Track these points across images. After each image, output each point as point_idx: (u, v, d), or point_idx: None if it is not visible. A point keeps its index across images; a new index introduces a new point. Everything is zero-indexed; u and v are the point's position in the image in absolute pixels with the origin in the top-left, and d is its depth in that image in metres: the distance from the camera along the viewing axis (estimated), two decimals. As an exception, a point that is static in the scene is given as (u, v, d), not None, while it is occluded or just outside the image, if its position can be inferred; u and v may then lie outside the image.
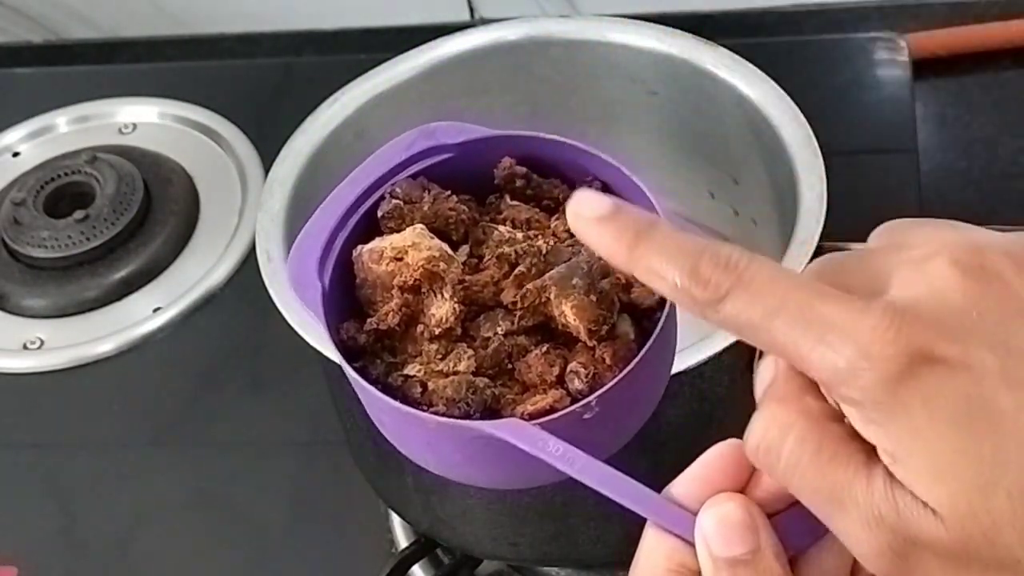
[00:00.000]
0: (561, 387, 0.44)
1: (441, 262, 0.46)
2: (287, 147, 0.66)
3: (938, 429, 0.36)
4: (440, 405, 0.43)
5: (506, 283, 0.46)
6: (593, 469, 0.42)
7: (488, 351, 0.45)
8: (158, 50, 1.09)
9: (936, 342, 0.36)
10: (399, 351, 0.46)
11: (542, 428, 0.42)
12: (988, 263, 0.38)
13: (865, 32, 0.98)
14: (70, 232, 0.90)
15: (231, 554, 0.76)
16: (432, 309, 0.45)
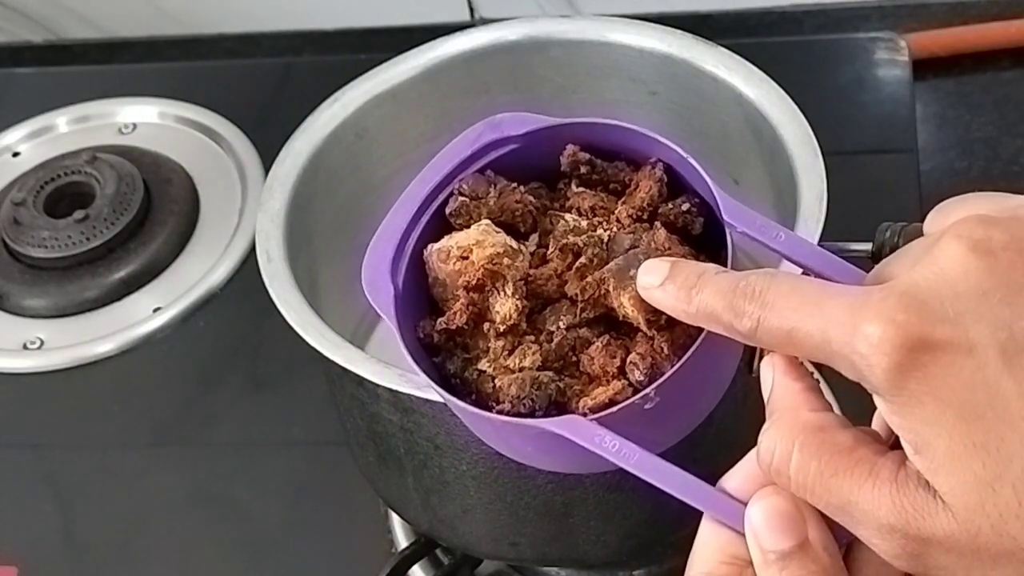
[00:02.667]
0: (623, 378, 0.45)
1: (505, 258, 0.47)
2: (287, 147, 0.66)
3: (948, 419, 0.36)
4: (507, 402, 0.44)
5: (569, 275, 0.46)
6: (647, 463, 0.43)
7: (552, 345, 0.46)
8: (158, 50, 1.09)
9: (935, 327, 0.36)
10: (471, 347, 0.47)
11: (601, 422, 0.43)
12: (997, 238, 0.37)
13: (865, 32, 0.98)
14: (70, 232, 0.90)
15: (231, 554, 0.76)
16: (497, 306, 0.46)
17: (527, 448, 0.47)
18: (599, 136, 0.49)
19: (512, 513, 0.60)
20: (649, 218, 0.48)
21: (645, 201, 0.48)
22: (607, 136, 0.49)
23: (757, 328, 0.40)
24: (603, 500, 0.59)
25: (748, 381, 0.58)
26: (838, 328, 0.37)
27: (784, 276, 0.40)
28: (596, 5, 1.01)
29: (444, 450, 0.58)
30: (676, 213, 0.48)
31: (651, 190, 0.48)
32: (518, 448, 0.48)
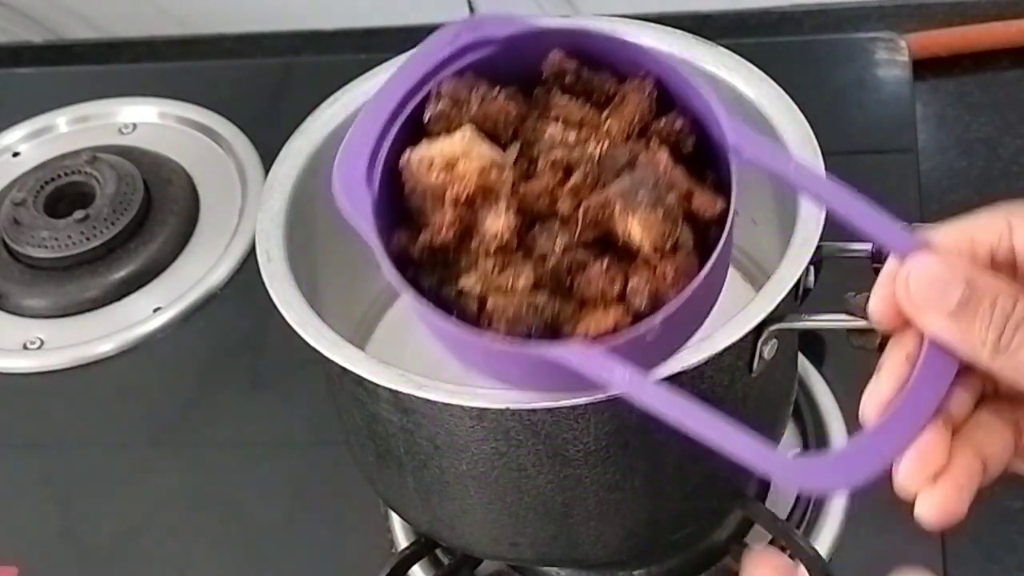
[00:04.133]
0: (622, 303, 0.43)
1: (494, 171, 0.44)
2: (287, 147, 0.66)
3: None
4: (501, 324, 0.43)
5: (561, 192, 0.44)
6: (662, 397, 0.41)
7: (547, 267, 0.44)
8: (158, 50, 1.09)
9: None
10: (452, 263, 0.44)
11: (606, 351, 0.41)
12: None
13: (865, 32, 0.98)
14: (70, 232, 0.90)
15: (231, 554, 0.76)
16: (487, 223, 0.44)
17: (514, 372, 0.45)
18: (585, 44, 0.46)
19: (512, 513, 0.60)
20: (639, 134, 0.46)
21: (635, 115, 0.45)
22: (594, 45, 0.46)
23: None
24: (603, 500, 0.59)
25: (749, 381, 0.58)
26: None
27: None
28: (596, 5, 1.01)
29: (444, 450, 0.58)
30: (668, 131, 0.45)
31: (641, 104, 0.45)
32: (502, 372, 0.45)
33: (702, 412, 0.42)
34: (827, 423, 0.75)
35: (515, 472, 0.58)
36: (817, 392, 0.76)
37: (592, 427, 0.56)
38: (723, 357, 0.55)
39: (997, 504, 0.71)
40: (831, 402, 0.76)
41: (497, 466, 0.57)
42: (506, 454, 0.57)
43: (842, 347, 0.74)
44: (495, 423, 0.55)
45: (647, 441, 0.57)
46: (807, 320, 0.57)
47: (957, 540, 0.70)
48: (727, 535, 0.70)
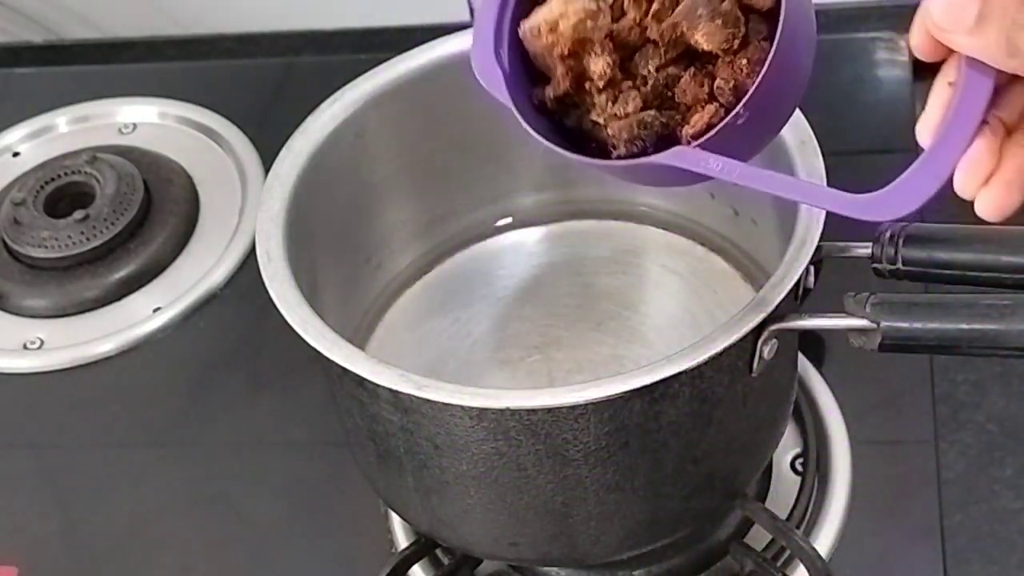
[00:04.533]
0: (714, 101, 0.50)
1: (588, 22, 0.51)
2: (287, 147, 0.66)
3: None
4: (621, 146, 0.51)
5: (648, 21, 0.51)
6: (747, 173, 0.49)
7: (648, 88, 0.51)
8: (158, 50, 1.09)
9: None
10: (580, 104, 0.53)
11: (703, 146, 0.49)
12: None
13: (865, 32, 0.98)
14: (70, 232, 0.90)
15: (231, 554, 0.76)
16: (592, 66, 0.51)
17: (648, 178, 0.54)
18: None
19: (512, 513, 0.60)
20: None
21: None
22: None
23: None
24: (603, 500, 0.59)
25: (749, 381, 0.58)
26: None
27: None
28: (596, 5, 1.01)
29: (444, 450, 0.58)
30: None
31: None
32: (641, 177, 0.54)
33: (791, 180, 0.52)
34: (827, 423, 0.75)
35: (515, 472, 0.58)
36: (817, 392, 0.76)
37: (592, 427, 0.56)
38: (723, 357, 0.55)
39: (997, 504, 0.71)
40: (831, 402, 0.76)
41: (497, 466, 0.58)
42: (506, 454, 0.57)
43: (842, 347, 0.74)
44: (495, 423, 0.55)
45: (647, 441, 0.57)
46: (807, 320, 0.57)
47: (958, 540, 0.70)
48: (727, 535, 0.70)
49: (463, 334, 0.72)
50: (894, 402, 0.76)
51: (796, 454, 0.74)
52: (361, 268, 0.72)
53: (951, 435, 0.74)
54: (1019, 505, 0.71)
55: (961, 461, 0.73)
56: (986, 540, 0.70)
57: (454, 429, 0.57)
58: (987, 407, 0.75)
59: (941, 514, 0.71)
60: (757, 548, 0.69)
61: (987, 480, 0.72)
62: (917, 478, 0.73)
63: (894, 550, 0.70)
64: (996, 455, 0.73)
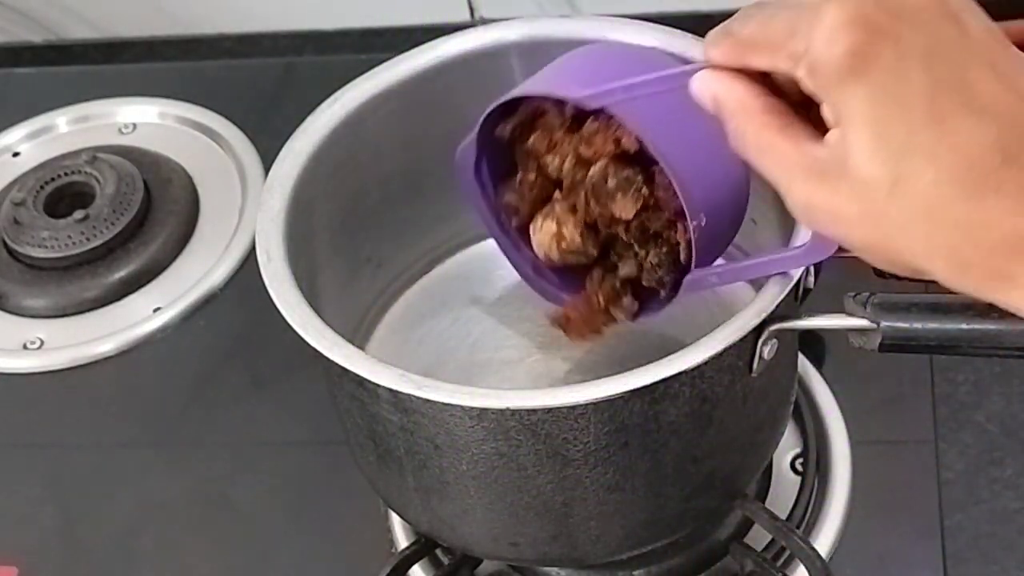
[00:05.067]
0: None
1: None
2: (287, 147, 0.66)
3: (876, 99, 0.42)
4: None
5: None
6: (728, 272, 0.58)
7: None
8: (158, 50, 1.09)
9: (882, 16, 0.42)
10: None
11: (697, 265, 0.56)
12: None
13: (865, 32, 0.97)
14: (70, 232, 0.90)
15: (231, 554, 0.76)
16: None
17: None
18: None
19: (512, 513, 0.60)
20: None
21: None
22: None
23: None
24: (603, 500, 0.59)
25: (749, 381, 0.59)
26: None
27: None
28: (596, 5, 1.01)
29: (444, 450, 0.58)
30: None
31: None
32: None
33: (737, 266, 0.57)
34: (827, 423, 0.75)
35: (515, 472, 0.58)
36: (817, 392, 0.76)
37: (592, 427, 0.56)
38: (723, 357, 0.55)
39: (997, 504, 0.71)
40: (831, 402, 0.76)
41: (497, 466, 0.58)
42: (506, 454, 0.57)
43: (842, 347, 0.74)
44: (495, 423, 0.55)
45: (647, 441, 0.57)
46: (807, 320, 0.57)
47: (957, 540, 0.70)
48: (727, 535, 0.70)
49: (463, 334, 0.72)
50: (894, 402, 0.76)
51: (796, 454, 0.74)
52: (361, 268, 0.72)
53: (951, 435, 0.74)
54: (1019, 505, 0.71)
55: (961, 461, 0.73)
56: (986, 540, 0.70)
57: (454, 429, 0.57)
58: (987, 407, 0.75)
59: (941, 514, 0.71)
60: (757, 548, 0.69)
61: (987, 480, 0.72)
62: (917, 478, 0.73)
63: (894, 550, 0.70)
64: (996, 455, 0.73)
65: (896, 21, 0.42)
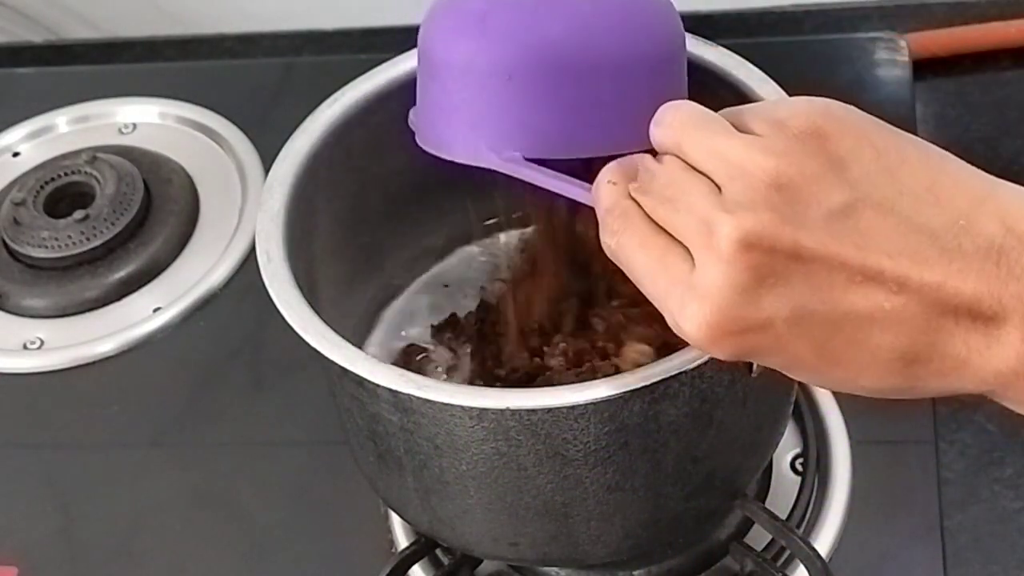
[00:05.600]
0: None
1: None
2: (287, 147, 0.66)
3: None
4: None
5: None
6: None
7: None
8: (158, 50, 1.09)
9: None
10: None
11: None
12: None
13: (865, 32, 0.98)
14: (70, 232, 0.90)
15: (231, 554, 0.76)
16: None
17: None
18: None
19: (512, 513, 0.60)
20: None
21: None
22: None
23: (613, 251, 0.47)
24: (603, 500, 0.59)
25: (748, 382, 0.59)
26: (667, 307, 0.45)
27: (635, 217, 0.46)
28: (596, 5, 1.01)
29: (444, 450, 0.58)
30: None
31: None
32: None
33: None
34: (827, 423, 0.75)
35: (515, 472, 0.58)
36: (817, 392, 0.76)
37: (592, 427, 0.56)
38: (723, 357, 0.54)
39: (997, 504, 0.71)
40: (831, 402, 0.76)
41: (497, 466, 0.58)
42: (506, 454, 0.57)
43: (842, 347, 0.74)
44: (495, 423, 0.55)
45: (647, 441, 0.57)
46: (807, 320, 0.57)
47: (958, 541, 0.70)
48: (727, 535, 0.70)
49: (463, 334, 0.72)
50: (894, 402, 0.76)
51: (796, 454, 0.74)
52: (361, 268, 0.72)
53: (951, 435, 0.74)
54: (1019, 505, 0.71)
55: (961, 461, 0.73)
56: (986, 540, 0.70)
57: (454, 429, 0.57)
58: (987, 407, 0.75)
59: (941, 514, 0.71)
60: (757, 548, 0.69)
61: (987, 480, 0.72)
62: (917, 478, 0.73)
63: (894, 550, 0.70)
64: (996, 455, 0.73)
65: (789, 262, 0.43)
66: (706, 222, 0.43)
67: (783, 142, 0.44)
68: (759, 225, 0.42)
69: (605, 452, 0.57)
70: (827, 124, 0.45)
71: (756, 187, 0.43)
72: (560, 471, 0.57)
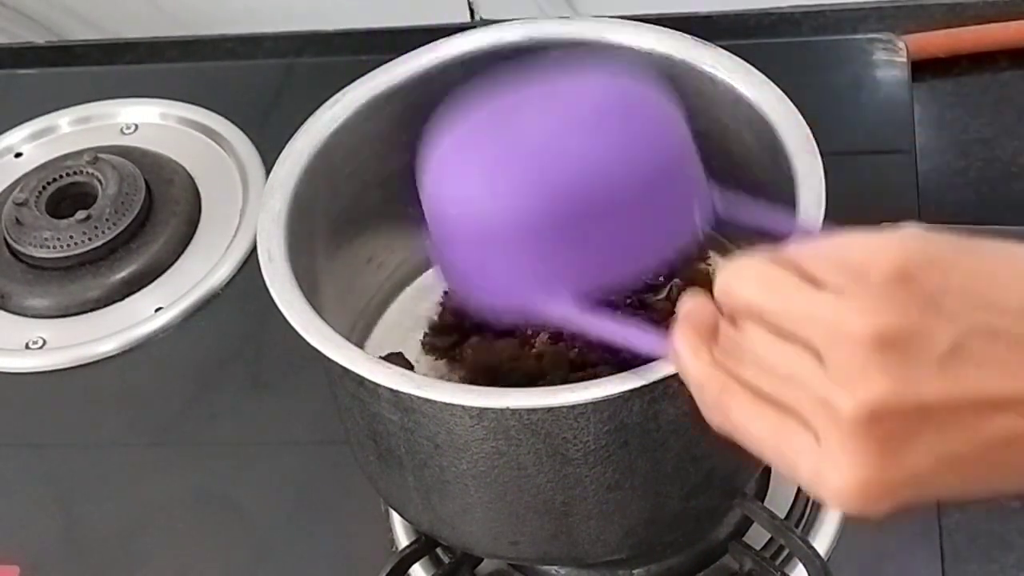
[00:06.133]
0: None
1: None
2: (288, 148, 0.66)
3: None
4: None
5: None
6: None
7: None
8: (160, 51, 1.09)
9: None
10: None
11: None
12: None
13: (864, 33, 0.98)
14: (72, 232, 0.90)
15: (231, 554, 0.76)
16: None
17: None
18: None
19: (512, 512, 0.60)
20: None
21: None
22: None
23: (724, 429, 0.46)
24: (603, 499, 0.59)
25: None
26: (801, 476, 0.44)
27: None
28: (595, 6, 1.01)
29: (444, 449, 0.58)
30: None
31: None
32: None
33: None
34: (826, 423, 0.75)
35: (515, 471, 0.58)
36: (816, 392, 0.76)
37: (592, 427, 0.56)
38: (722, 357, 0.55)
39: (995, 503, 0.71)
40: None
41: (497, 465, 0.58)
42: (506, 453, 0.57)
43: (841, 347, 0.74)
44: (495, 422, 0.56)
45: (647, 441, 0.58)
46: (806, 320, 0.57)
47: (956, 540, 0.70)
48: (726, 534, 0.70)
49: (463, 334, 0.73)
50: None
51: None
52: (361, 268, 0.72)
53: (949, 435, 0.74)
54: (1017, 504, 0.71)
55: (959, 461, 0.73)
56: (984, 539, 0.70)
57: (454, 428, 0.57)
58: (985, 407, 0.75)
59: (939, 513, 0.71)
60: (756, 547, 0.69)
61: (985, 479, 0.72)
62: (915, 477, 0.73)
63: (892, 549, 0.70)
64: (994, 455, 0.73)
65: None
66: (821, 400, 0.41)
67: (873, 296, 0.41)
68: (878, 395, 0.40)
69: (605, 451, 0.57)
70: (909, 265, 0.41)
71: (860, 352, 0.40)
72: (560, 470, 0.58)
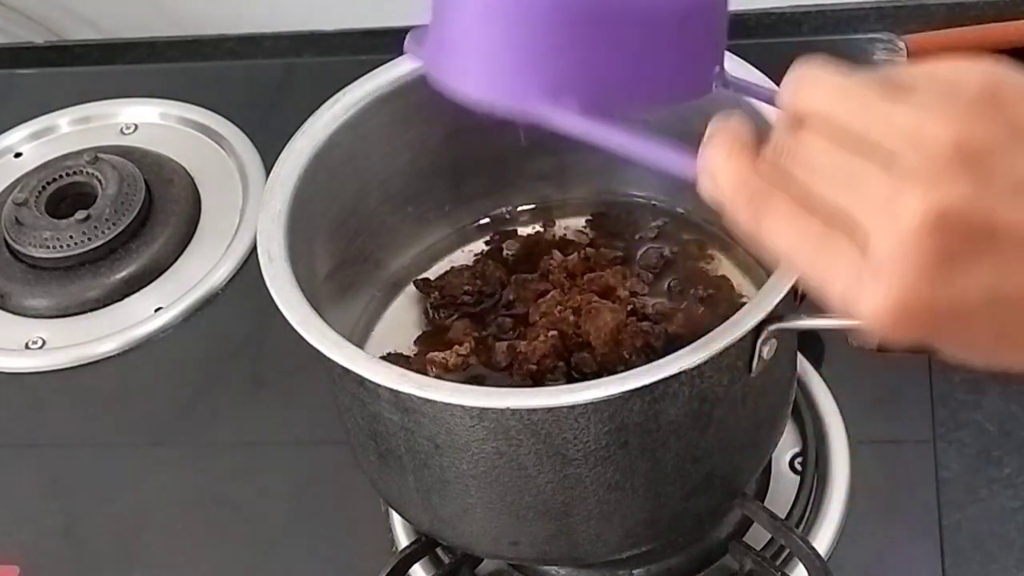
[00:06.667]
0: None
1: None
2: (288, 148, 0.66)
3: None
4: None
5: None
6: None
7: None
8: (159, 51, 1.09)
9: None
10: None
11: None
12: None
13: (864, 33, 0.98)
14: (72, 232, 0.90)
15: (231, 554, 0.76)
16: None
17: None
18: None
19: (512, 512, 0.60)
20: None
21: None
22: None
23: (757, 235, 0.42)
24: (603, 499, 0.59)
25: (748, 381, 0.59)
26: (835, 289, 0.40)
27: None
28: (596, 6, 1.01)
29: (444, 449, 0.58)
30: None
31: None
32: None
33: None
34: (826, 422, 0.75)
35: (515, 471, 0.58)
36: (816, 392, 0.76)
37: (592, 427, 0.56)
38: (723, 357, 0.55)
39: (995, 503, 0.71)
40: (830, 402, 0.76)
41: (497, 465, 0.58)
42: (506, 453, 0.57)
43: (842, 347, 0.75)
44: (495, 423, 0.56)
45: (647, 441, 0.58)
46: (807, 320, 0.57)
47: (956, 539, 0.70)
48: (726, 534, 0.70)
49: (463, 333, 0.73)
50: (892, 401, 0.77)
51: (795, 453, 0.74)
52: (361, 267, 0.72)
53: (949, 434, 0.74)
54: (1017, 504, 0.71)
55: (959, 460, 0.73)
56: (984, 539, 0.70)
57: (455, 429, 0.57)
58: (986, 407, 0.75)
59: (939, 513, 0.71)
60: (756, 547, 0.69)
61: (985, 479, 0.72)
62: (915, 477, 0.73)
63: (893, 549, 0.70)
64: (994, 454, 0.73)
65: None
66: (885, 200, 0.38)
67: (961, 107, 0.38)
68: (950, 199, 0.37)
69: (605, 452, 0.57)
70: (1002, 87, 0.39)
71: (939, 157, 0.37)
72: (560, 470, 0.58)
